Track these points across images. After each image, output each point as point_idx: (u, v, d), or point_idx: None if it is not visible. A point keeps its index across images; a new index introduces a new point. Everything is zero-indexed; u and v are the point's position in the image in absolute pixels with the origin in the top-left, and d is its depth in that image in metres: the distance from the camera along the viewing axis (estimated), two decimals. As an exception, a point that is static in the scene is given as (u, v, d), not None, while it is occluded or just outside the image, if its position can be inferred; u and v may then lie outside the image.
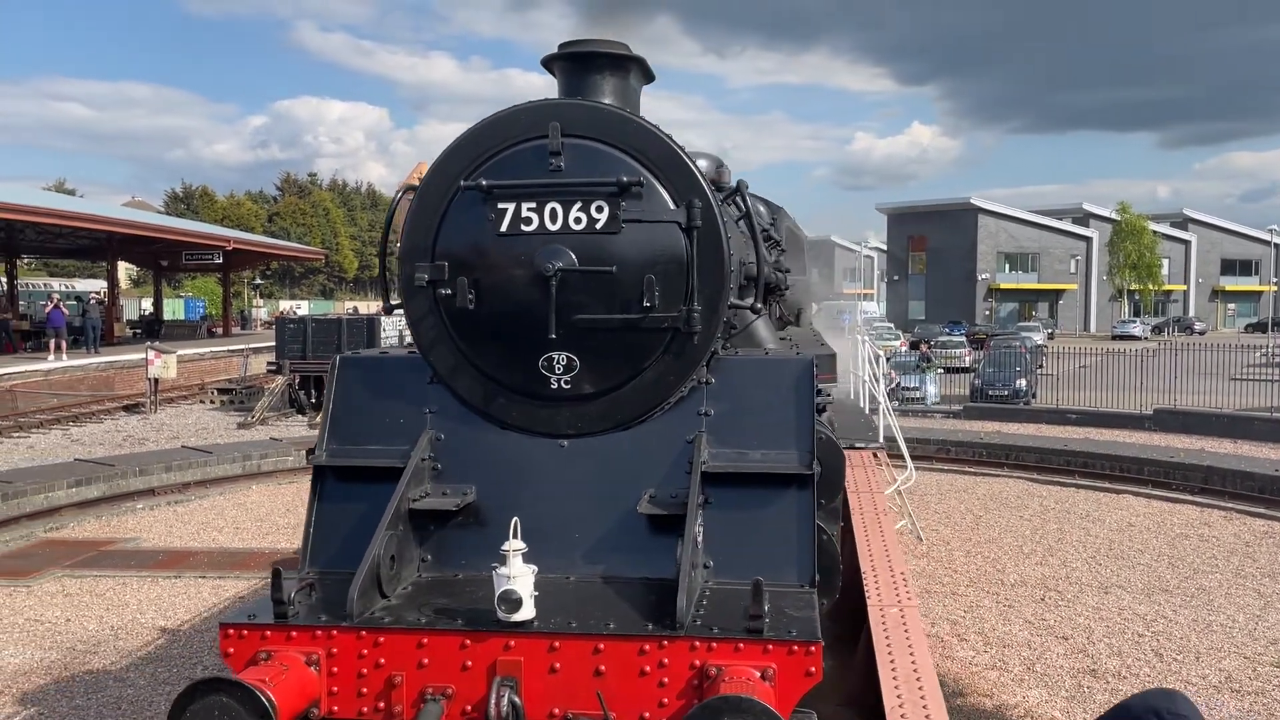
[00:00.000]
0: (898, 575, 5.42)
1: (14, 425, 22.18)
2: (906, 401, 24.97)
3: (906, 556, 11.16)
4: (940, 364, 31.86)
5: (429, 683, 3.91)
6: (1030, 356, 29.30)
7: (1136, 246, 75.81)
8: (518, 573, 3.89)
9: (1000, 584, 10.39)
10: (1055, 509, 14.11)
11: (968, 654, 8.35)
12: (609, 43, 5.22)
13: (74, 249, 45.13)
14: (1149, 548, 11.89)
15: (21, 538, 12.40)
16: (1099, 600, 9.79)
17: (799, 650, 3.74)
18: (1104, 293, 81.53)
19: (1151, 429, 21.06)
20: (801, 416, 4.65)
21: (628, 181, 4.54)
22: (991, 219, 79.78)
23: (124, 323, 45.38)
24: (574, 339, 4.65)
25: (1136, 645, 8.55)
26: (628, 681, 3.81)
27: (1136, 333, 63.51)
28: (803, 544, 4.44)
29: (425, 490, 4.74)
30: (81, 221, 34.72)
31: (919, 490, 14.29)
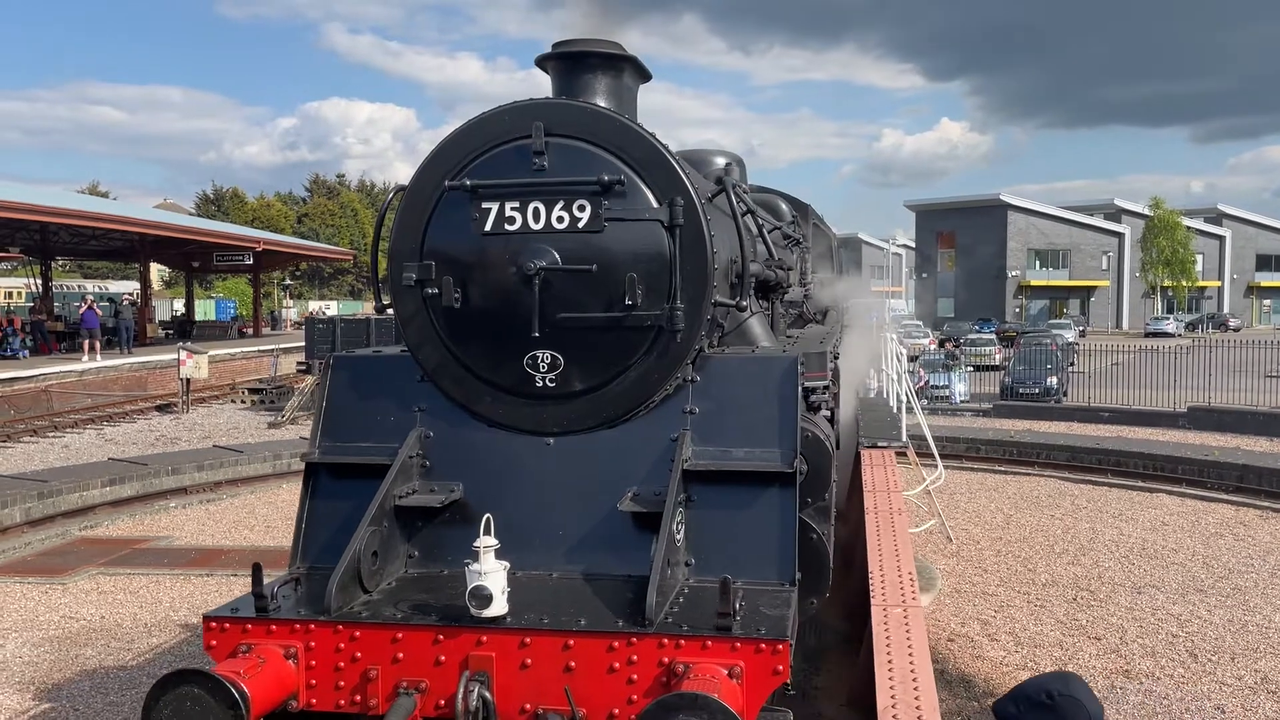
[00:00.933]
0: (905, 575, 5.39)
1: (49, 425, 22.51)
2: (935, 400, 24.81)
3: (934, 556, 11.09)
4: (970, 362, 31.64)
5: (404, 676, 3.97)
6: (1061, 354, 29.02)
7: (1170, 242, 74.85)
8: (489, 569, 3.95)
9: (1031, 584, 10.29)
10: (1087, 508, 13.97)
11: (998, 654, 8.28)
12: (602, 42, 5.24)
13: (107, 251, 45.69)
14: (1183, 547, 11.74)
15: (57, 536, 12.58)
16: (1132, 600, 9.68)
17: (766, 649, 3.75)
18: (1136, 289, 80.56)
19: (1186, 427, 20.80)
20: (785, 415, 4.64)
21: (609, 180, 4.56)
22: (1021, 215, 79.01)
23: (156, 323, 45.89)
24: (558, 337, 4.68)
25: (1170, 646, 8.44)
26: (597, 678, 3.85)
27: (1170, 330, 62.71)
28: (784, 542, 4.45)
29: (413, 487, 4.79)
30: (114, 224, 35.15)
31: (948, 489, 14.19)
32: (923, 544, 11.31)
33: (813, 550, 4.89)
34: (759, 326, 5.61)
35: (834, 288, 12.29)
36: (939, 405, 24.06)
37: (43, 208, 30.26)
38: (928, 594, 9.91)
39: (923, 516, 12.55)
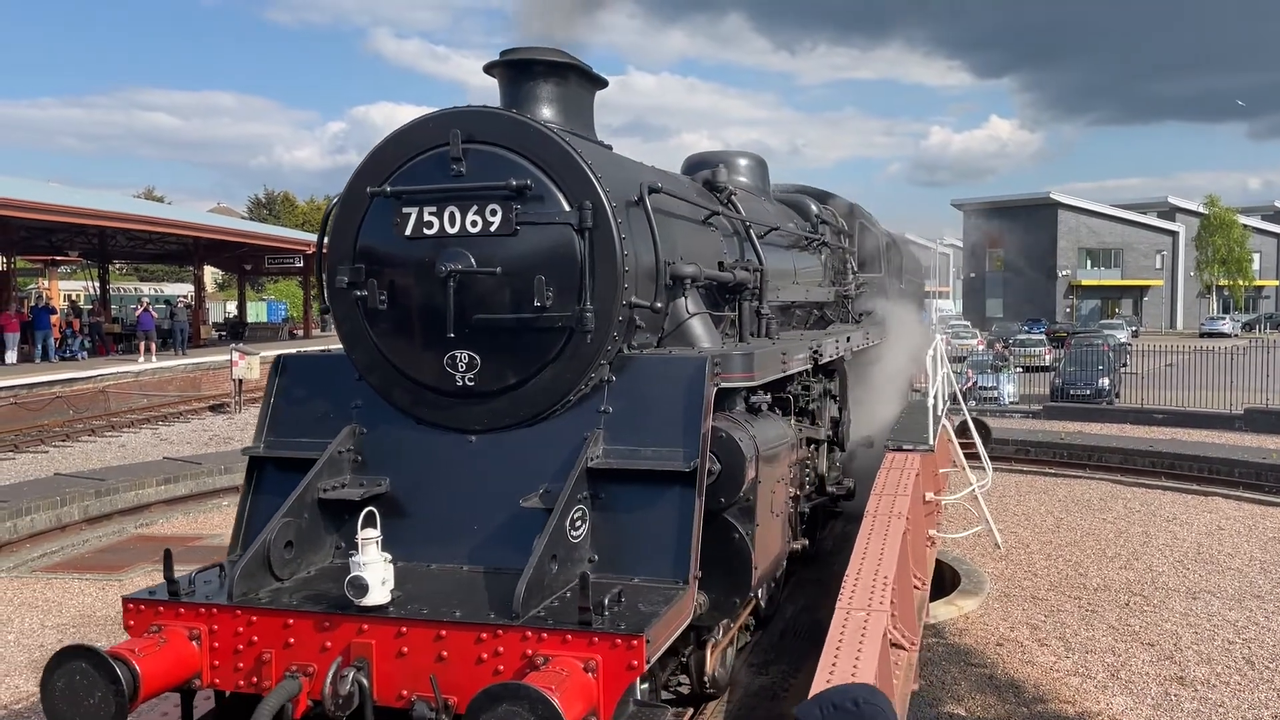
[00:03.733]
0: (879, 580, 5.36)
1: (107, 425, 23.02)
2: (983, 401, 24.51)
3: (983, 560, 10.96)
4: (1019, 363, 31.20)
5: (294, 661, 4.19)
6: (1113, 355, 28.52)
7: (1226, 240, 73.15)
8: (368, 560, 4.15)
9: (1082, 588, 10.14)
10: (1140, 511, 13.73)
11: (1049, 659, 8.17)
12: (548, 50, 5.42)
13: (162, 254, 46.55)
14: (1240, 552, 11.50)
15: (114, 533, 12.87)
16: (1187, 606, 9.50)
17: (622, 644, 3.85)
18: (1191, 289, 78.88)
19: (1242, 429, 20.35)
20: (690, 415, 4.70)
21: (517, 185, 4.71)
22: (1072, 214, 77.73)
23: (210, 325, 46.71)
24: (475, 338, 4.85)
25: (1227, 653, 8.28)
26: (466, 668, 3.99)
27: (1226, 330, 61.32)
28: (681, 541, 4.52)
29: (343, 481, 4.99)
30: (169, 228, 35.82)
31: (997, 491, 14.02)
32: (970, 547, 11.19)
33: (735, 550, 5.02)
34: (700, 327, 5.65)
35: (882, 288, 12.18)
36: (987, 406, 23.77)
37: (101, 212, 30.92)
38: (975, 598, 9.80)
39: (970, 521, 12.41)
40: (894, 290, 12.90)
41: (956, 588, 10.24)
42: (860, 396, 10.64)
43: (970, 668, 8.02)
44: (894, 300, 12.84)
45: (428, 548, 4.83)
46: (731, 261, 6.57)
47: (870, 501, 6.85)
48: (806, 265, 9.31)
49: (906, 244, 17.95)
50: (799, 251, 9.28)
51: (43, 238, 34.75)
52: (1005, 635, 8.74)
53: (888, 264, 12.61)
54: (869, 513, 6.59)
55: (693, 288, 5.63)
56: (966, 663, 8.12)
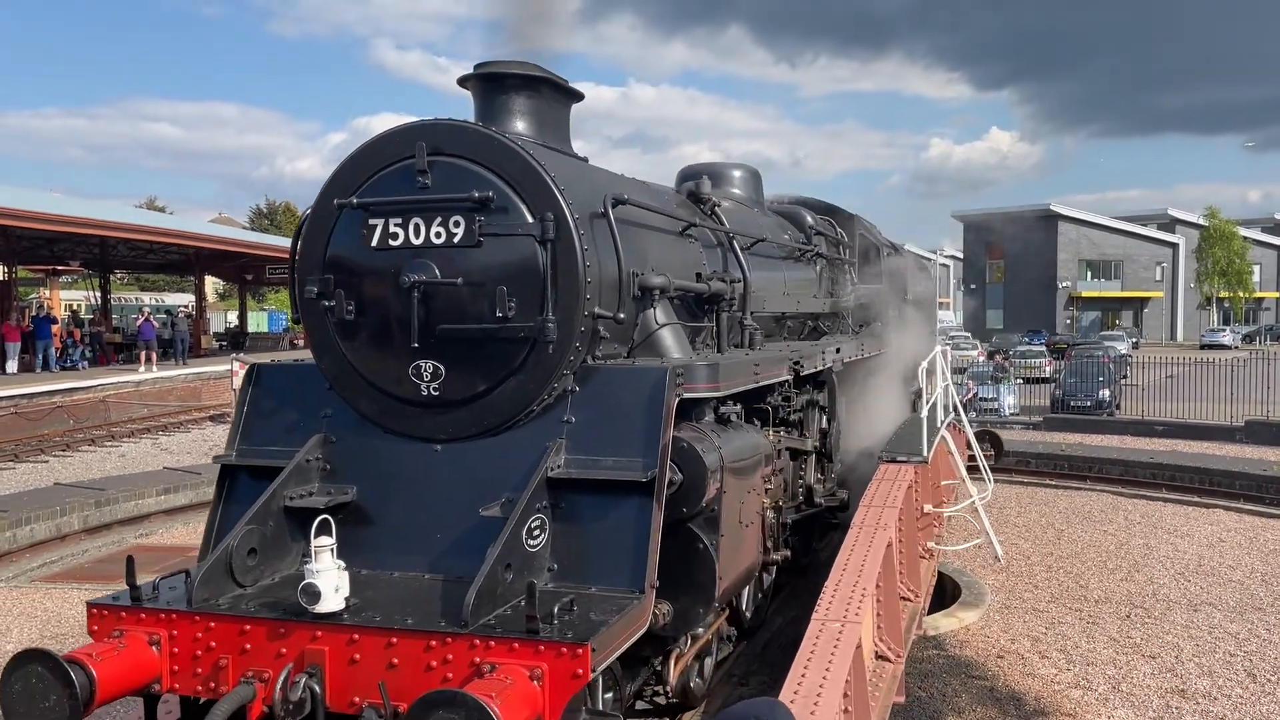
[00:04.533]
0: (858, 592, 5.35)
1: (107, 435, 23.01)
2: (983, 413, 24.50)
3: (983, 571, 10.94)
4: (1019, 374, 31.18)
5: (250, 666, 4.24)
6: (1114, 366, 28.52)
7: (1226, 252, 73.20)
8: (322, 567, 4.22)
9: (1083, 600, 10.12)
10: (1141, 523, 13.71)
11: (1050, 671, 8.15)
12: (520, 64, 5.49)
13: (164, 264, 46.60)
14: (1241, 564, 11.48)
15: (113, 544, 12.86)
16: (1188, 618, 9.48)
17: (567, 653, 3.88)
18: (1191, 301, 78.91)
19: (1243, 441, 20.34)
20: (650, 425, 4.74)
21: (480, 197, 4.77)
22: (1072, 226, 77.81)
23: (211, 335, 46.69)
24: (439, 348, 4.91)
25: (1228, 665, 8.25)
26: (416, 675, 4.03)
27: (1226, 341, 61.31)
28: (639, 551, 4.55)
29: (311, 489, 5.05)
30: (171, 238, 35.86)
31: (998, 503, 14.01)
32: (971, 559, 11.17)
33: (699, 560, 5.05)
34: (670, 338, 5.68)
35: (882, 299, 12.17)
36: (988, 418, 23.76)
37: (103, 222, 30.95)
38: (976, 609, 9.78)
39: (971, 533, 12.39)
40: (896, 302, 12.89)
41: (957, 599, 10.22)
42: (861, 408, 10.64)
43: (971, 680, 8.00)
44: (896, 312, 12.83)
45: (391, 556, 4.90)
46: (710, 273, 6.59)
47: (857, 513, 6.84)
48: (799, 277, 9.32)
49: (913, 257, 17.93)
50: (793, 263, 9.29)
51: (44, 247, 34.77)
52: (1006, 647, 8.72)
53: (890, 276, 12.60)
54: (854, 524, 6.59)
55: (663, 299, 5.67)
56: (967, 675, 8.10)
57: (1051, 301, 76.54)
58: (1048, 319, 73.52)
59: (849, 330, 10.99)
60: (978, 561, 11.17)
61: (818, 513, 8.73)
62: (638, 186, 6.44)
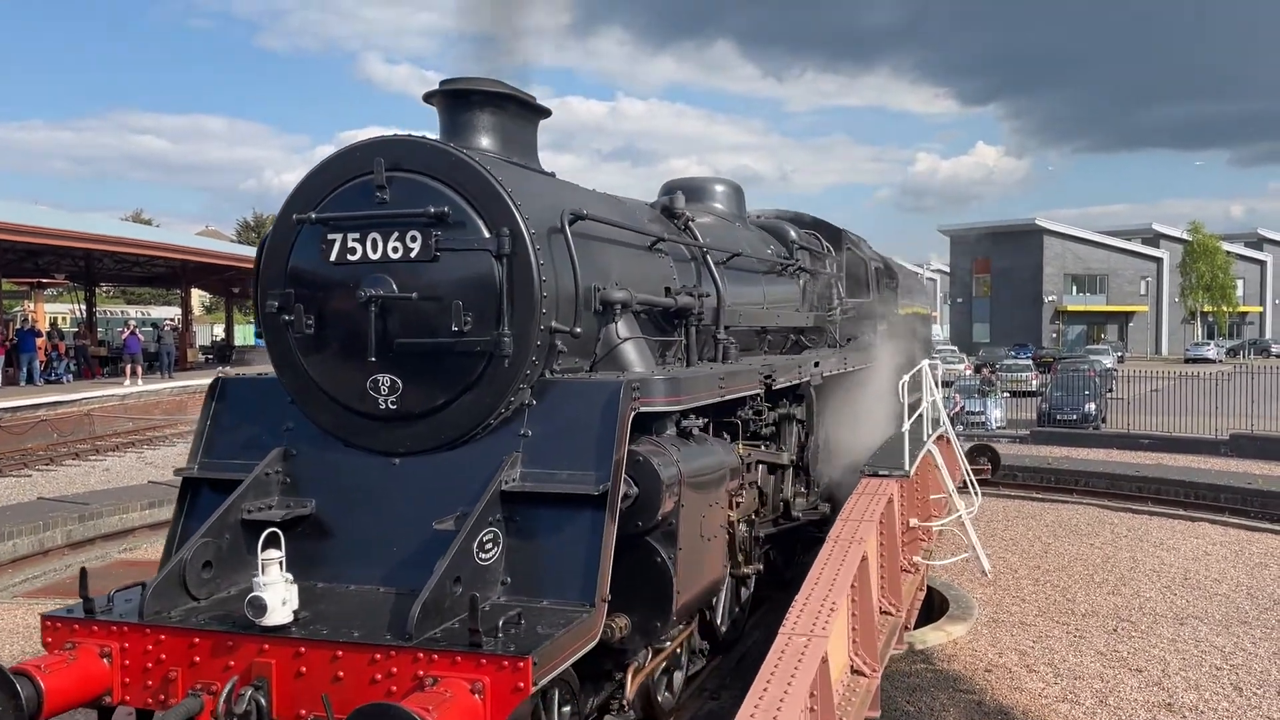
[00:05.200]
0: (827, 606, 5.35)
1: (91, 448, 22.85)
2: (970, 426, 24.57)
3: (971, 585, 10.95)
4: (1006, 388, 31.31)
5: (199, 679, 4.27)
6: (1100, 380, 28.66)
7: (1209, 267, 73.75)
8: (269, 580, 4.24)
9: (1070, 614, 10.14)
10: (1127, 537, 13.75)
11: (1037, 685, 8.16)
12: (486, 80, 5.57)
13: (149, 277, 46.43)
14: (1226, 577, 11.52)
15: (97, 558, 12.75)
16: (1174, 632, 9.51)
17: (508, 666, 3.91)
18: (1176, 315, 79.40)
19: (1227, 454, 20.45)
20: (604, 439, 4.78)
21: (435, 212, 4.83)
22: (1058, 240, 78.29)
23: (197, 348, 46.51)
24: (397, 362, 4.95)
25: (1214, 679, 8.28)
26: (361, 688, 4.06)
27: (1210, 355, 61.69)
28: (589, 564, 4.57)
29: (271, 502, 5.08)
30: (157, 250, 35.74)
31: (985, 516, 14.03)
32: (959, 573, 11.18)
33: (657, 574, 5.08)
34: (633, 352, 5.71)
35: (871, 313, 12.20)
36: (975, 431, 23.83)
37: (87, 235, 30.83)
38: (964, 623, 9.79)
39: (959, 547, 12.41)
40: (886, 316, 12.90)
41: (945, 613, 10.22)
42: (849, 421, 10.66)
43: (959, 694, 8.00)
44: (885, 325, 12.84)
45: (348, 569, 4.93)
46: (679, 287, 6.61)
47: (834, 527, 6.84)
48: (780, 291, 9.34)
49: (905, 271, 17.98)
50: (774, 277, 9.31)
51: (29, 260, 34.59)
52: (994, 661, 8.72)
53: (878, 290, 12.63)
54: (830, 538, 6.59)
55: (626, 313, 5.70)
56: (955, 689, 8.10)
57: (1037, 315, 76.92)
58: (1033, 333, 73.88)
59: (835, 344, 11.01)
60: (965, 575, 11.18)
61: (800, 526, 8.73)
62: (605, 201, 6.50)
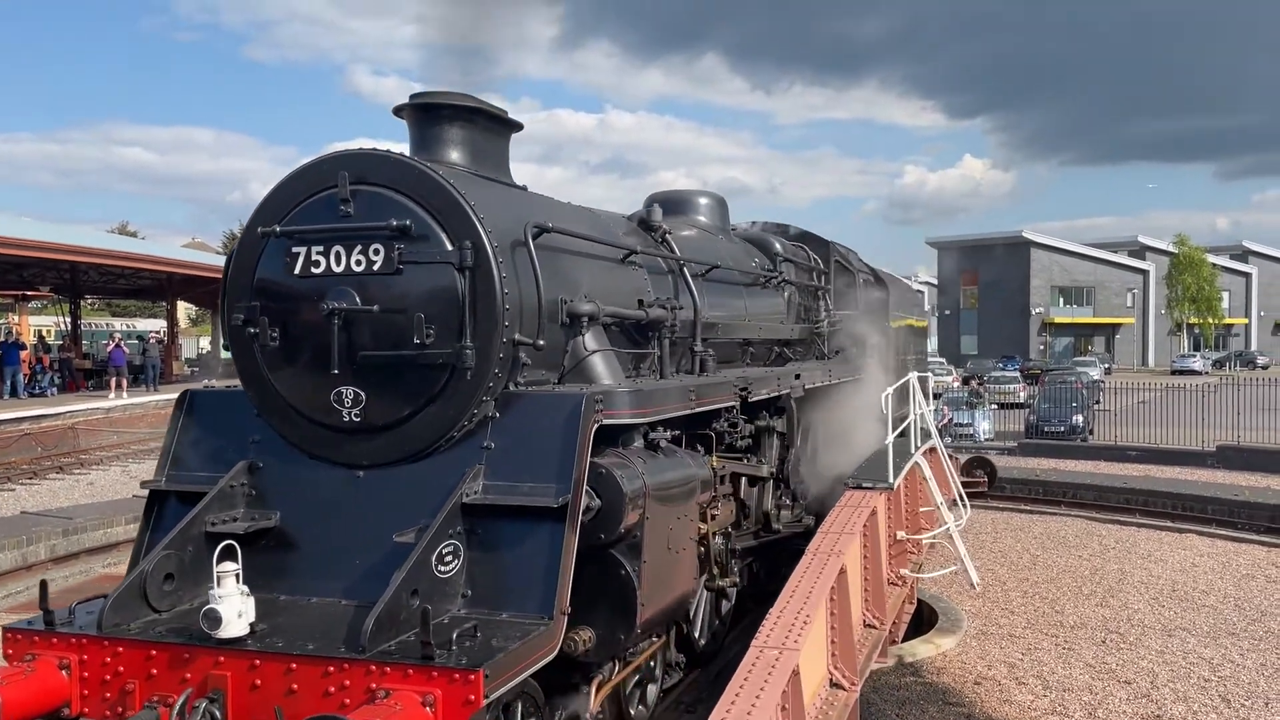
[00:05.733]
0: (800, 619, 5.35)
1: (75, 462, 22.68)
2: (959, 438, 24.60)
3: (960, 597, 10.93)
4: (994, 400, 31.37)
5: (157, 691, 4.30)
6: (1087, 392, 28.73)
7: (1195, 279, 74.20)
8: (225, 593, 4.29)
9: (1059, 626, 10.13)
10: (1115, 548, 13.77)
11: (1026, 698, 8.13)
12: (455, 94, 5.62)
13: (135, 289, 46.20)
14: (1214, 589, 11.54)
15: (81, 573, 12.64)
16: (1163, 643, 9.50)
17: (459, 679, 3.93)
18: (1162, 327, 79.84)
19: (1214, 466, 20.52)
20: (565, 452, 4.79)
21: (398, 225, 4.87)
22: (1044, 252, 78.68)
23: (183, 361, 46.32)
24: (360, 375, 4.98)
25: (1203, 690, 8.27)
26: (315, 701, 4.09)
27: (1197, 367, 61.97)
28: (549, 577, 4.58)
29: (236, 514, 5.10)
30: (142, 263, 35.57)
31: (973, 529, 14.03)
32: (948, 585, 11.17)
33: (620, 586, 5.09)
34: (601, 364, 5.72)
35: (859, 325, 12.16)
36: (963, 443, 23.85)
37: (72, 247, 30.67)
38: (953, 636, 9.76)
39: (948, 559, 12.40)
40: (876, 328, 12.83)
41: (934, 625, 10.20)
42: (838, 434, 10.64)
43: (948, 707, 7.97)
44: (876, 338, 12.77)
45: (311, 581, 4.94)
46: (653, 299, 6.60)
47: (814, 540, 6.82)
48: (763, 303, 9.33)
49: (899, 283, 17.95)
50: (758, 290, 9.30)
51: (13, 272, 34.39)
52: (983, 674, 8.70)
53: (867, 302, 12.60)
54: (809, 551, 6.57)
55: (594, 325, 5.71)
56: (945, 702, 8.07)
57: (1025, 327, 77.22)
58: (1021, 345, 74.16)
59: (824, 356, 11.00)
60: (954, 587, 11.16)
61: (785, 539, 8.69)
62: (577, 214, 6.54)
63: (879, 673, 8.59)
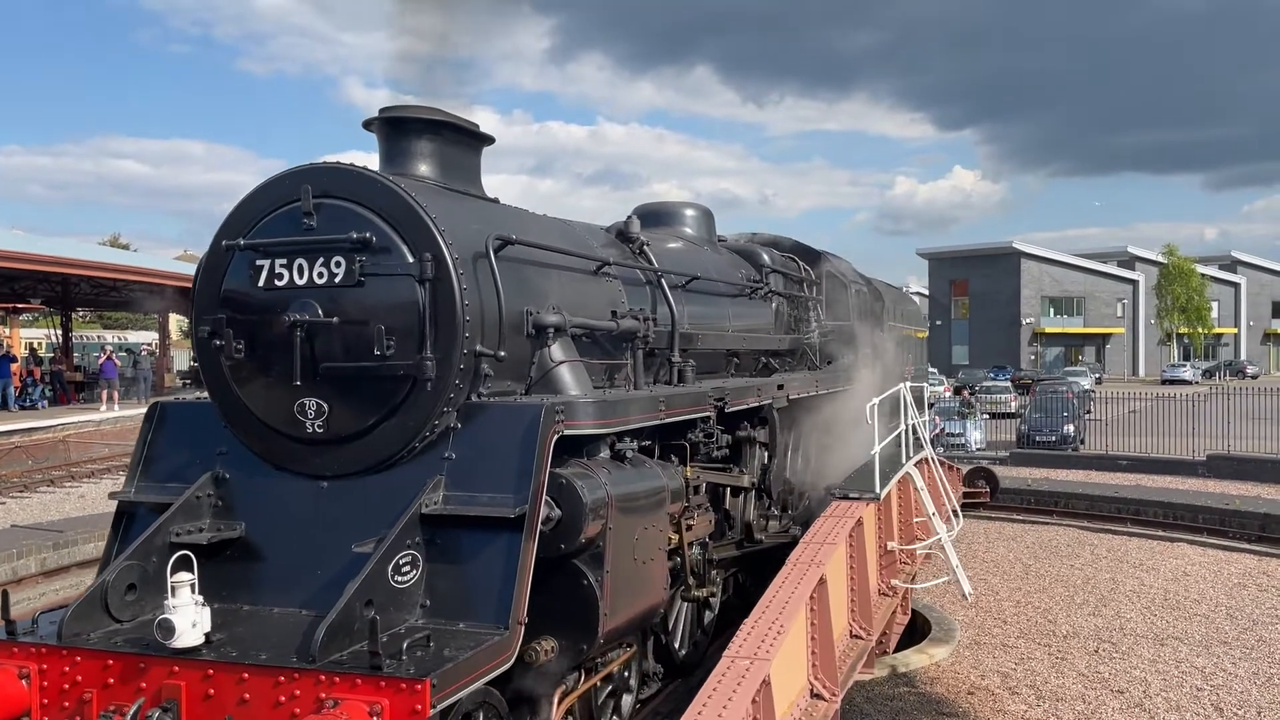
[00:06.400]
0: (774, 629, 5.38)
1: (66, 475, 22.57)
2: (950, 448, 24.65)
3: (952, 607, 10.95)
4: (985, 409, 31.43)
5: (113, 701, 4.33)
6: (1078, 402, 28.81)
7: (1185, 289, 74.57)
8: (179, 603, 4.32)
9: (1052, 635, 10.16)
10: (1107, 558, 13.81)
11: (1019, 708, 8.15)
12: (423, 108, 5.69)
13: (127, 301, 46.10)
14: (1206, 598, 11.58)
15: (72, 586, 12.57)
16: (1155, 652, 9.54)
17: (406, 689, 3.96)
18: (1152, 336, 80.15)
19: (1205, 475, 20.60)
20: (524, 462, 4.83)
21: (358, 238, 4.93)
22: (1035, 263, 78.96)
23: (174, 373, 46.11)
24: (323, 386, 5.03)
25: (1195, 699, 8.30)
26: (266, 710, 4.13)
27: (1187, 377, 62.22)
28: (505, 587, 4.61)
29: (202, 525, 5.15)
30: (134, 275, 35.48)
31: (966, 538, 14.07)
32: (941, 595, 11.19)
33: (582, 597, 5.12)
34: (568, 375, 5.74)
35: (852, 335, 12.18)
36: (954, 453, 23.90)
37: (64, 259, 30.57)
38: (946, 646, 9.79)
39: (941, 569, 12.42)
40: (869, 338, 12.85)
41: (928, 635, 10.22)
42: (829, 444, 10.66)
43: (942, 717, 7.99)
44: (869, 348, 12.79)
45: (274, 592, 4.98)
46: (626, 310, 6.64)
47: (795, 550, 6.83)
48: (749, 314, 9.34)
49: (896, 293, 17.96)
50: (745, 300, 9.32)
51: (5, 285, 34.28)
52: (976, 684, 8.72)
53: (860, 313, 12.61)
54: (789, 561, 6.59)
55: (560, 336, 5.74)
56: (938, 712, 8.08)
57: (1015, 337, 77.43)
58: (1012, 355, 74.33)
59: (815, 367, 11.01)
60: (947, 597, 11.19)
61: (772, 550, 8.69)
62: (550, 226, 6.61)
63: (873, 683, 8.61)
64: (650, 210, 9.48)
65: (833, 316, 11.73)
